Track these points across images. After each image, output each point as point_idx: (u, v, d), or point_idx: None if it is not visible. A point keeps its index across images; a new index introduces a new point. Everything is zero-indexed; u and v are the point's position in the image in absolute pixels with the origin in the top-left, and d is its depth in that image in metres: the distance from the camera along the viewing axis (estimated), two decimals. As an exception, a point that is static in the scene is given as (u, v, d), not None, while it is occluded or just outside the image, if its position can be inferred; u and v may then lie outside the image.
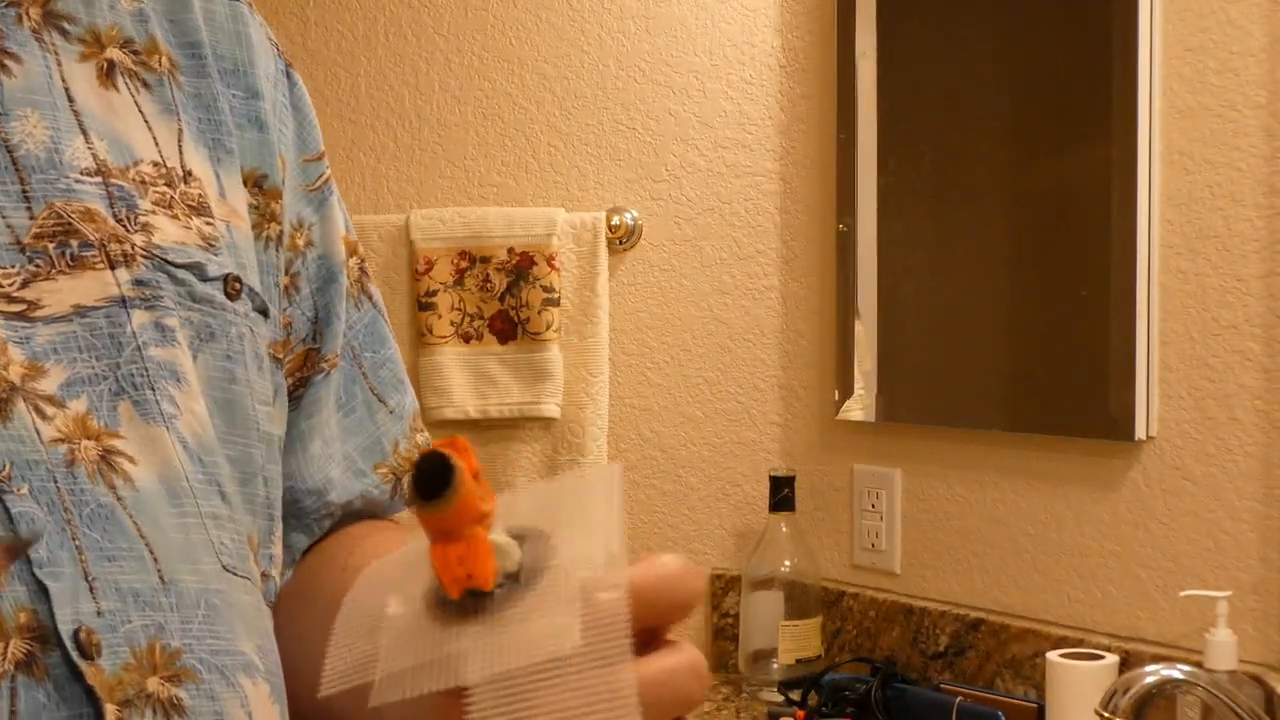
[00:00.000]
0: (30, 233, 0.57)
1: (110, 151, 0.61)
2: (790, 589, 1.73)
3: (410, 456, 0.81)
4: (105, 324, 0.57)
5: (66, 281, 0.57)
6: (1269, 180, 1.37)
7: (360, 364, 0.80)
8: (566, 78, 1.89)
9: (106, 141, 0.61)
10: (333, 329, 0.77)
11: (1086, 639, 1.50)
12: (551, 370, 1.81)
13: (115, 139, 0.62)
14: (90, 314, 0.57)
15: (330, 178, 0.78)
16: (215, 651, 0.57)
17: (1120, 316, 1.47)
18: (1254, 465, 1.39)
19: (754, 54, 1.86)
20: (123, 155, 0.62)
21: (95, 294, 0.58)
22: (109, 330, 0.57)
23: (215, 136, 0.67)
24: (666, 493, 1.90)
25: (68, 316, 0.56)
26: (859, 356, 1.76)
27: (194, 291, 0.62)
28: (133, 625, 0.53)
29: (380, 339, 0.82)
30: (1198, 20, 1.42)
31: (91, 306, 0.57)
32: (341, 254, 0.78)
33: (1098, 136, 1.49)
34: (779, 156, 1.86)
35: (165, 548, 0.56)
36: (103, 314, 0.57)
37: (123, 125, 0.62)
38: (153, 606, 0.55)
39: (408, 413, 0.83)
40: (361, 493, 0.79)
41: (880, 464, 1.76)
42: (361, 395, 0.80)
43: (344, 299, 0.77)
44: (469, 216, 1.85)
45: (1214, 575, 1.41)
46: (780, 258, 1.87)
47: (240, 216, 0.68)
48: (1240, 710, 1.22)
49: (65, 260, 0.57)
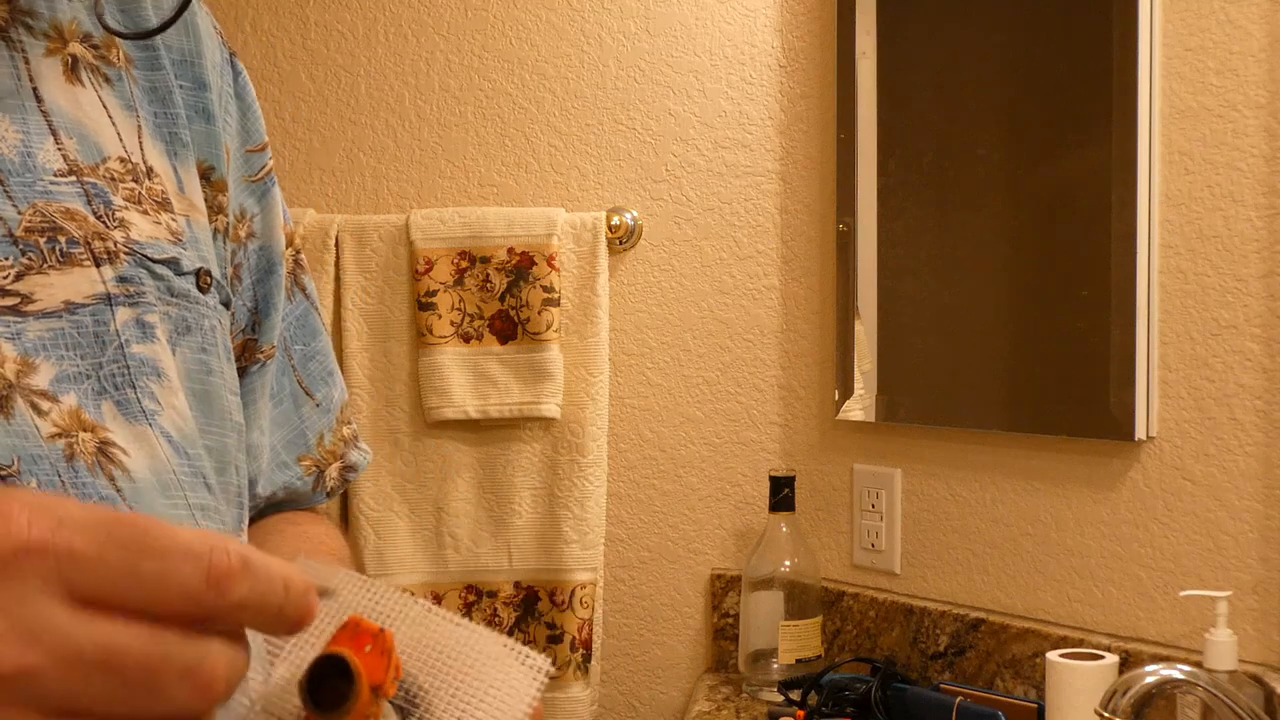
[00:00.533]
0: (21, 226, 0.57)
1: (80, 150, 0.61)
2: (790, 589, 1.73)
3: (335, 450, 0.82)
4: (91, 321, 0.58)
5: (58, 276, 0.57)
6: (1269, 180, 1.37)
7: (290, 356, 0.81)
8: (566, 78, 1.89)
9: (75, 140, 0.61)
10: (270, 320, 0.77)
11: (1086, 639, 1.50)
12: (551, 370, 1.81)
13: (84, 136, 0.62)
14: (79, 310, 0.58)
15: (272, 169, 0.78)
16: None
17: (1120, 317, 1.47)
18: (1254, 465, 1.39)
19: (754, 54, 1.86)
20: (92, 153, 0.62)
21: (84, 290, 0.58)
22: (94, 329, 0.58)
23: (171, 130, 0.68)
24: (666, 493, 1.90)
25: (58, 312, 0.57)
26: (859, 356, 1.76)
27: (172, 286, 0.63)
28: None
29: (311, 331, 0.82)
30: (1198, 20, 1.42)
31: (80, 303, 0.58)
32: (281, 244, 0.78)
33: (1098, 136, 1.49)
34: (779, 156, 1.86)
35: None
36: (89, 311, 0.58)
37: (90, 122, 0.62)
38: None
39: (335, 405, 0.84)
40: (285, 484, 0.81)
41: (880, 464, 1.76)
42: (290, 387, 0.81)
43: (281, 290, 0.78)
44: (469, 216, 1.84)
45: (1214, 575, 1.41)
46: (780, 258, 1.87)
47: (199, 210, 0.69)
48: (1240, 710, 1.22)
49: (56, 255, 0.57)
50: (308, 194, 1.92)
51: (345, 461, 0.84)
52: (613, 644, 1.91)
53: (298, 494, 0.83)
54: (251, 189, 0.75)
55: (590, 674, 1.83)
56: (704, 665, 1.90)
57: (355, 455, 0.85)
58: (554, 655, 1.82)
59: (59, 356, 0.56)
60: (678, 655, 1.91)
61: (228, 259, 0.72)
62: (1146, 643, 1.46)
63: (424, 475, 1.84)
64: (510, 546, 1.84)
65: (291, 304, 0.81)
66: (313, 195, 1.92)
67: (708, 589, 1.90)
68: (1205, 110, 1.42)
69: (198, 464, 0.62)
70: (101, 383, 0.58)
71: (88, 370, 0.57)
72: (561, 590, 1.82)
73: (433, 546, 1.85)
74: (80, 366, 0.57)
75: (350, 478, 0.85)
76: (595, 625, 1.84)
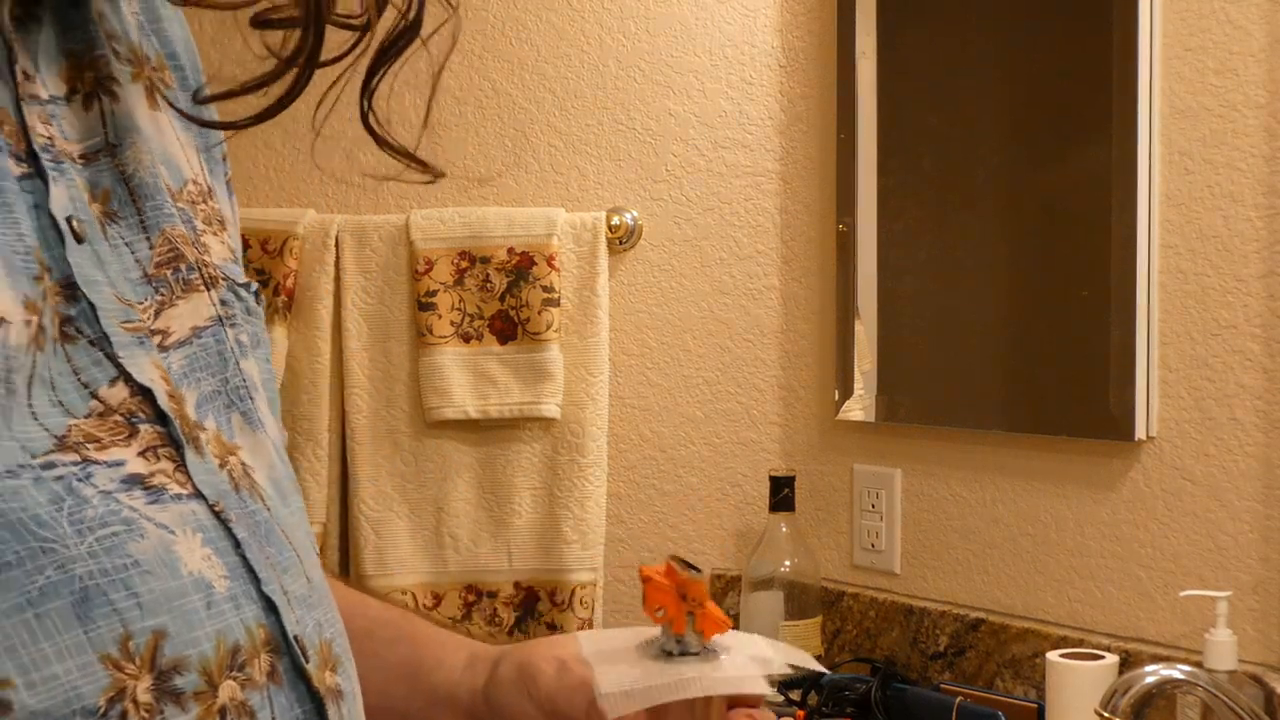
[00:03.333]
0: (153, 263, 0.58)
1: (169, 175, 0.62)
2: (790, 589, 1.73)
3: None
4: (213, 342, 0.60)
5: (184, 305, 0.59)
6: (1269, 180, 1.37)
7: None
8: (566, 78, 1.89)
9: (165, 165, 0.62)
10: None
11: (1086, 639, 1.50)
12: (551, 370, 1.81)
13: (169, 161, 0.63)
14: (203, 334, 0.60)
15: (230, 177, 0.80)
16: (340, 635, 0.63)
17: (1120, 316, 1.47)
18: (1254, 465, 1.39)
19: (754, 54, 1.86)
20: (176, 177, 0.63)
21: (203, 314, 0.60)
22: (216, 348, 0.60)
23: (206, 150, 0.69)
24: (666, 493, 1.90)
25: (189, 339, 0.59)
26: (859, 356, 1.76)
27: (248, 305, 0.65)
28: (309, 627, 0.58)
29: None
30: (1198, 20, 1.42)
31: (203, 327, 0.60)
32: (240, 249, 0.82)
33: (1098, 137, 1.49)
34: (779, 156, 1.86)
35: (302, 549, 0.61)
36: (210, 333, 0.60)
37: (171, 146, 0.63)
38: (311, 605, 0.59)
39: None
40: None
41: (880, 464, 1.76)
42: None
43: None
44: (469, 216, 1.84)
45: (1214, 575, 1.41)
46: (780, 258, 1.87)
47: (235, 226, 0.70)
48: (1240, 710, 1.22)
49: (180, 285, 0.59)
50: (308, 194, 1.92)
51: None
52: (613, 644, 1.90)
53: None
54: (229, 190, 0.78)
55: (590, 674, 1.83)
56: (704, 665, 1.90)
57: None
58: (554, 655, 1.82)
59: (196, 380, 0.58)
60: (678, 655, 1.90)
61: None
62: (1146, 643, 1.46)
63: (424, 475, 1.84)
64: (510, 547, 1.84)
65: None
66: (313, 195, 1.92)
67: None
68: (1205, 110, 1.42)
69: (290, 470, 0.65)
70: (229, 396, 0.60)
71: (217, 387, 0.60)
72: (561, 590, 1.82)
73: (433, 547, 1.85)
74: (212, 385, 0.59)
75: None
76: (595, 625, 1.84)
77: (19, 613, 0.47)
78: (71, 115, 0.57)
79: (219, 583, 0.53)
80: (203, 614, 0.52)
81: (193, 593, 0.52)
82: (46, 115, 0.55)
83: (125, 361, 0.54)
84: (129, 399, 0.53)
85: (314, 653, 0.58)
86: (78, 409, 0.51)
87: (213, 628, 0.52)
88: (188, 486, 0.54)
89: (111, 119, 0.59)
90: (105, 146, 0.58)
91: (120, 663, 0.48)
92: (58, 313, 0.52)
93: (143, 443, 0.53)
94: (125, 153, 0.59)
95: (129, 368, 0.54)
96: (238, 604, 0.54)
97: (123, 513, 0.51)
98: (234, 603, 0.54)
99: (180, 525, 0.53)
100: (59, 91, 0.57)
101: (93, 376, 0.53)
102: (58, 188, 0.54)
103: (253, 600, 0.55)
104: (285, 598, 0.57)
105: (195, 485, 0.55)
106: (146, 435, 0.54)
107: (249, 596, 0.55)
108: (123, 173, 0.58)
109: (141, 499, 0.52)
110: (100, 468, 0.51)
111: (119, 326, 0.54)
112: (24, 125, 0.54)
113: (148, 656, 0.49)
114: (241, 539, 0.55)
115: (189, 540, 0.53)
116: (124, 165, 0.59)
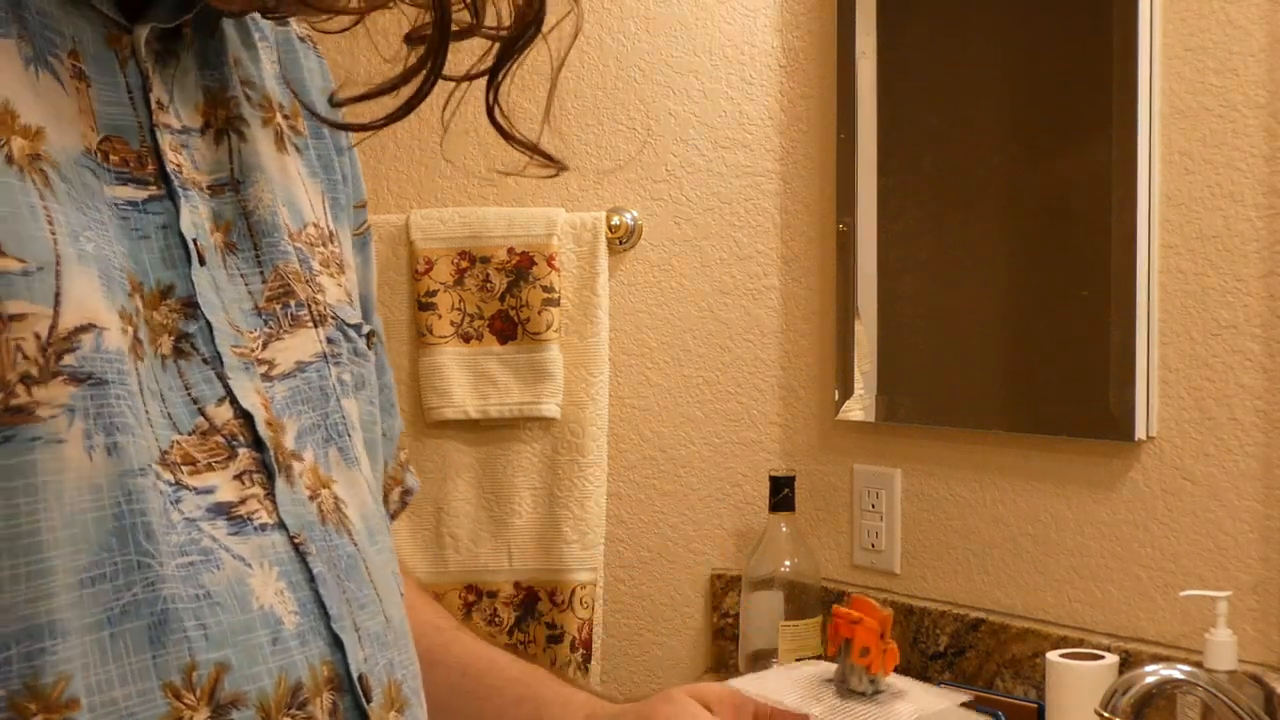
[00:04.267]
0: (264, 296, 0.60)
1: (290, 216, 0.64)
2: (790, 589, 1.73)
3: (396, 475, 0.87)
4: (316, 377, 0.62)
5: (291, 340, 0.61)
6: (1269, 180, 1.37)
7: None
8: (566, 78, 1.89)
9: (286, 207, 0.64)
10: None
11: (1086, 639, 1.50)
12: (551, 370, 1.81)
13: (292, 204, 0.65)
14: (307, 369, 0.61)
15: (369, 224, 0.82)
16: (412, 675, 0.63)
17: (1120, 316, 1.47)
18: (1254, 465, 1.39)
19: (754, 54, 1.86)
20: (298, 218, 0.65)
21: (309, 350, 0.62)
22: (319, 383, 0.62)
23: (334, 196, 0.71)
24: (666, 493, 1.90)
25: (293, 373, 0.60)
26: (859, 356, 1.76)
27: (356, 347, 0.67)
28: (379, 666, 0.59)
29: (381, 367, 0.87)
30: (1198, 20, 1.42)
31: (308, 362, 0.62)
32: (375, 295, 0.83)
33: (1098, 137, 1.49)
34: (779, 156, 1.86)
35: (382, 587, 0.62)
36: (314, 369, 0.62)
37: (294, 189, 0.66)
38: (385, 645, 0.60)
39: (395, 435, 0.88)
40: None
41: (880, 464, 1.76)
42: None
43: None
44: (469, 216, 1.85)
45: (1214, 575, 1.41)
46: (780, 258, 1.87)
47: (354, 269, 0.72)
48: (1240, 710, 1.22)
49: (288, 320, 0.61)
50: (308, 194, 1.92)
51: (404, 486, 0.89)
52: (613, 644, 1.91)
53: None
54: (356, 242, 0.78)
55: (590, 674, 1.83)
56: (704, 665, 1.90)
57: (410, 480, 0.90)
58: (554, 655, 1.82)
59: (298, 412, 0.60)
60: (678, 655, 1.91)
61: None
62: (1146, 643, 1.46)
63: (424, 475, 1.84)
64: (510, 546, 1.84)
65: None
66: (313, 195, 1.92)
67: (708, 589, 1.90)
68: (1205, 110, 1.42)
69: (381, 509, 0.66)
70: (329, 431, 0.62)
71: (318, 421, 0.61)
72: (561, 590, 1.82)
73: (432, 546, 1.85)
74: (312, 418, 0.61)
75: (408, 500, 0.89)
76: (595, 625, 1.84)
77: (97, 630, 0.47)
78: (203, 147, 0.60)
79: (288, 618, 0.54)
80: (267, 650, 0.52)
81: (260, 628, 0.52)
82: (179, 144, 0.58)
83: (233, 384, 0.56)
84: (232, 420, 0.55)
85: (380, 692, 0.58)
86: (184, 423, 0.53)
87: (275, 664, 0.52)
88: (273, 515, 0.55)
89: (239, 156, 0.62)
90: (231, 181, 0.61)
91: (181, 692, 0.49)
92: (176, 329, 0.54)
93: (240, 466, 0.55)
94: (248, 190, 0.61)
95: (235, 390, 0.56)
96: (304, 640, 0.54)
97: (202, 541, 0.52)
98: (301, 639, 0.54)
99: (258, 558, 0.54)
100: (194, 124, 0.60)
101: (202, 393, 0.54)
102: (187, 209, 0.56)
103: (320, 637, 0.55)
104: (356, 635, 0.57)
105: (280, 515, 0.56)
106: (244, 459, 0.55)
107: (317, 633, 0.55)
108: (244, 208, 0.61)
109: (224, 529, 0.53)
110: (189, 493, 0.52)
111: (230, 350, 0.56)
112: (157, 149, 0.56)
113: (208, 689, 0.50)
114: (317, 573, 0.56)
115: (265, 574, 0.54)
116: (246, 201, 0.61)
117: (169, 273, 0.55)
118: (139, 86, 0.56)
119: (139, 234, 0.54)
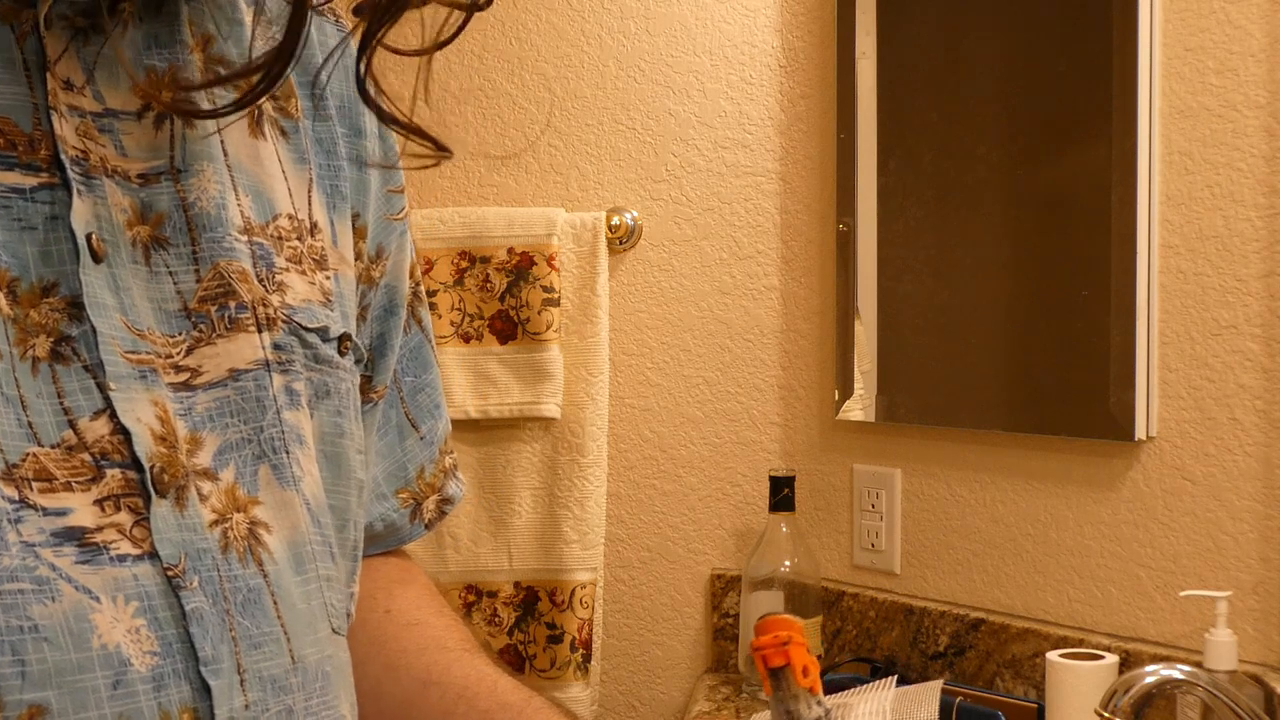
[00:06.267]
0: (196, 297, 0.55)
1: (253, 208, 0.59)
2: (790, 589, 1.73)
3: (434, 482, 0.81)
4: (253, 387, 0.56)
5: (224, 345, 0.56)
6: (1269, 180, 1.37)
7: (400, 388, 0.79)
8: (566, 78, 1.89)
9: (250, 197, 0.59)
10: (385, 360, 0.75)
11: (1086, 639, 1.50)
12: (551, 370, 1.81)
13: (258, 193, 0.60)
14: (242, 377, 0.56)
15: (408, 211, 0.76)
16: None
17: (1120, 316, 1.47)
18: (1254, 465, 1.39)
19: (754, 54, 1.86)
20: (264, 210, 0.60)
21: (247, 356, 0.56)
22: (255, 394, 0.57)
23: (333, 183, 0.66)
24: (666, 493, 1.90)
25: (223, 381, 0.55)
26: (859, 356, 1.76)
27: (318, 354, 0.61)
28: (270, 713, 0.53)
29: (423, 364, 0.80)
30: (1198, 20, 1.42)
31: (244, 369, 0.56)
32: (405, 285, 0.76)
33: (1098, 137, 1.49)
34: (779, 156, 1.86)
35: (295, 623, 0.56)
36: (251, 377, 0.56)
37: (266, 177, 0.60)
38: (285, 690, 0.55)
39: (439, 437, 0.82)
40: (381, 515, 0.79)
41: (880, 464, 1.76)
42: (396, 419, 0.79)
43: (399, 331, 0.76)
44: (469, 216, 1.84)
45: (1214, 575, 1.41)
46: (780, 258, 1.87)
47: (348, 263, 0.67)
48: (1240, 710, 1.22)
49: (224, 323, 0.56)
50: (308, 194, 1.92)
51: (443, 494, 0.83)
52: (613, 644, 1.91)
53: (395, 526, 0.81)
54: (392, 226, 0.73)
55: (590, 674, 1.83)
56: (704, 665, 1.90)
57: (452, 487, 0.84)
58: (554, 655, 1.82)
59: (224, 425, 0.55)
60: (678, 655, 1.91)
61: (357, 302, 0.71)
62: (1146, 643, 1.46)
63: (424, 475, 1.84)
64: (510, 546, 1.84)
65: (406, 336, 0.78)
66: (313, 195, 1.92)
67: (708, 589, 1.90)
68: (1205, 110, 1.42)
69: (325, 532, 0.61)
70: (262, 446, 0.56)
71: (249, 435, 0.56)
72: (561, 590, 1.82)
73: (432, 546, 1.85)
74: (243, 432, 0.56)
75: (447, 510, 0.83)
76: (595, 625, 1.84)
77: None
78: (137, 131, 0.54)
79: (141, 660, 0.48)
80: (104, 693, 0.47)
81: (99, 669, 0.47)
82: (95, 128, 0.53)
83: (115, 395, 0.50)
84: (107, 436, 0.50)
85: None
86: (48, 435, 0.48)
87: (113, 710, 0.47)
88: (143, 545, 0.50)
89: (182, 142, 0.56)
90: (170, 169, 0.55)
91: None
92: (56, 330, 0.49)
93: (104, 489, 0.49)
94: (190, 179, 0.56)
95: (116, 403, 0.50)
96: (161, 685, 0.49)
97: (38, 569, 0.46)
98: (156, 683, 0.49)
99: (110, 591, 0.48)
100: (126, 107, 0.54)
101: (77, 404, 0.49)
102: (82, 202, 0.51)
103: (186, 680, 0.50)
104: (239, 679, 0.52)
105: (154, 543, 0.50)
106: (112, 481, 0.49)
107: (181, 676, 0.50)
108: (183, 199, 0.55)
109: (71, 556, 0.47)
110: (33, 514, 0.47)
111: (121, 356, 0.51)
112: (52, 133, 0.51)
113: None
114: (191, 610, 0.50)
115: (116, 609, 0.48)
116: (186, 191, 0.56)
117: (53, 269, 0.50)
118: (37, 65, 0.51)
119: (22, 224, 0.49)
